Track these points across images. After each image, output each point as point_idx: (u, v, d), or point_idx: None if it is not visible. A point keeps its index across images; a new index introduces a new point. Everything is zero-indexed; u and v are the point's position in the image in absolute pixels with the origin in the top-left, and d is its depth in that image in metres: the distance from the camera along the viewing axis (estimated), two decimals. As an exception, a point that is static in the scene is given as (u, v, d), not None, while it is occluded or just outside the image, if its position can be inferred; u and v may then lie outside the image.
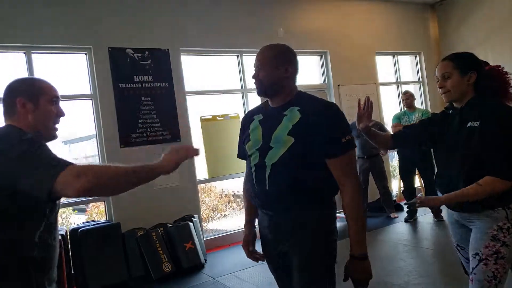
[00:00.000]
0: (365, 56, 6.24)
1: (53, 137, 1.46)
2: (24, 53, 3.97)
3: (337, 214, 1.59)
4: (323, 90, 5.90)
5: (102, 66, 4.23)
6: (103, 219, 4.42)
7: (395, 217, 5.28)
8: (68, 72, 4.34)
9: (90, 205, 5.37)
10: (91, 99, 4.26)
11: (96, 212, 5.48)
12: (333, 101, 5.87)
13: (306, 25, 5.71)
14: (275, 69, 1.51)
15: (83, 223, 4.36)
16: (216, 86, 5.09)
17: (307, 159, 1.45)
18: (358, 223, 1.47)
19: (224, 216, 6.03)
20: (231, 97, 5.23)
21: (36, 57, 4.03)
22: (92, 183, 1.15)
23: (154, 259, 3.89)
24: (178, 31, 4.69)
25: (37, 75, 3.98)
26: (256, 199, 1.57)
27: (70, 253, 3.74)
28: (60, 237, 3.49)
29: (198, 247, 4.13)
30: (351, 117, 5.71)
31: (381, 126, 5.42)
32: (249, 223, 1.76)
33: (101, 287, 3.64)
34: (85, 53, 4.27)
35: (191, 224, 4.24)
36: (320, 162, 1.47)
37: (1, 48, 3.90)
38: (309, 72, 5.96)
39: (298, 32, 5.59)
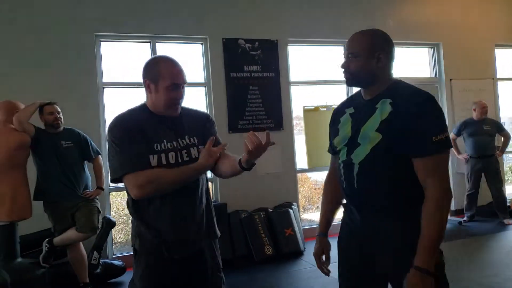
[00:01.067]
0: (482, 48, 5.71)
1: (172, 114, 1.59)
2: (150, 42, 4.39)
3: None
4: (434, 84, 5.55)
5: (216, 56, 4.50)
6: (208, 199, 4.73)
7: (510, 224, 4.80)
8: (186, 61, 4.68)
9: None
10: (205, 87, 4.57)
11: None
12: (444, 96, 5.52)
13: (418, 14, 5.40)
14: (368, 59, 1.39)
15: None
16: (320, 76, 5.08)
17: (396, 158, 1.33)
18: (430, 232, 1.27)
19: (317, 208, 6.05)
20: (335, 88, 5.18)
21: (159, 47, 4.43)
22: (151, 193, 1.48)
23: (257, 241, 4.06)
24: (287, 22, 4.78)
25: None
26: (345, 196, 1.50)
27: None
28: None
29: (298, 234, 4.21)
30: (464, 113, 5.35)
31: (498, 126, 4.95)
32: (322, 235, 1.62)
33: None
34: (202, 43, 4.57)
35: (291, 211, 4.34)
36: (409, 162, 1.32)
37: (130, 38, 4.35)
38: (419, 65, 5.64)
39: (409, 22, 5.32)
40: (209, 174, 4.99)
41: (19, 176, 3.18)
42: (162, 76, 1.50)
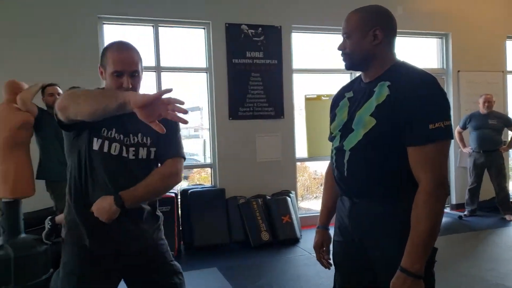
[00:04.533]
0: (493, 40, 5.58)
1: None
2: (152, 26, 4.39)
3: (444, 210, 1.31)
4: (441, 75, 5.47)
5: (218, 41, 4.48)
6: (207, 184, 4.78)
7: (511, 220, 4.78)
8: (188, 46, 4.70)
9: (194, 170, 5.84)
10: (206, 72, 4.57)
11: (198, 178, 5.93)
12: (451, 88, 5.43)
13: (429, 3, 5.30)
14: (362, 37, 1.28)
15: (192, 185, 4.79)
16: (323, 65, 5.03)
17: (389, 145, 1.23)
18: (419, 230, 1.16)
19: (315, 198, 6.08)
20: (338, 77, 5.14)
21: (162, 30, 4.43)
22: (68, 109, 1.34)
23: (254, 227, 4.11)
24: (291, 8, 4.73)
25: (161, 47, 4.40)
26: (336, 184, 1.43)
27: (180, 211, 4.13)
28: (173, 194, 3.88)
29: (295, 222, 4.25)
30: (471, 106, 5.27)
31: (507, 120, 4.86)
32: (322, 228, 1.56)
33: (205, 246, 3.98)
34: (204, 28, 4.56)
35: (289, 199, 4.36)
36: (404, 150, 1.22)
37: (133, 21, 4.36)
38: (426, 56, 5.56)
39: (419, 11, 5.22)
40: (208, 160, 5.02)
41: (22, 155, 3.23)
42: (108, 62, 1.43)
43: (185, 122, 1.24)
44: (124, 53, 1.44)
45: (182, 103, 1.22)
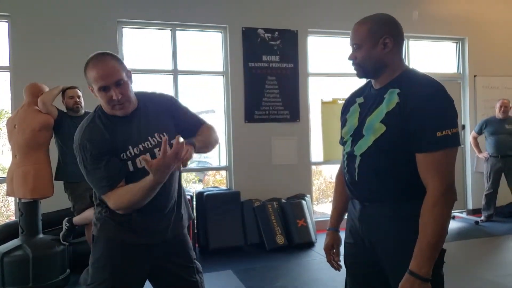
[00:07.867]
0: (510, 45, 5.52)
1: (124, 113, 1.50)
2: (170, 30, 4.44)
3: (456, 214, 1.30)
4: (457, 80, 5.43)
5: (235, 45, 4.51)
6: (222, 186, 4.79)
7: (530, 227, 4.71)
8: (205, 49, 4.74)
9: (209, 173, 5.86)
10: (223, 76, 4.60)
11: (213, 181, 5.94)
12: (467, 93, 5.39)
13: (445, 8, 5.27)
14: (373, 46, 1.31)
15: (208, 187, 4.81)
16: (339, 68, 5.04)
17: (398, 151, 1.27)
18: (427, 234, 1.19)
19: (330, 202, 6.06)
20: (354, 81, 5.12)
21: (180, 34, 4.47)
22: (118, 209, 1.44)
23: (269, 230, 4.11)
24: (308, 12, 4.74)
25: (179, 51, 4.45)
26: (347, 188, 1.46)
27: (195, 214, 4.15)
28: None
29: (310, 226, 4.24)
30: (487, 111, 5.23)
31: None
32: (333, 230, 1.59)
33: (220, 248, 3.99)
34: (221, 32, 4.60)
35: (304, 202, 4.36)
36: (413, 156, 1.26)
37: (151, 25, 4.41)
38: (442, 60, 5.52)
39: (435, 16, 5.20)
40: (224, 163, 5.02)
41: (42, 156, 3.28)
42: (92, 81, 1.45)
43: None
44: (101, 67, 1.43)
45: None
